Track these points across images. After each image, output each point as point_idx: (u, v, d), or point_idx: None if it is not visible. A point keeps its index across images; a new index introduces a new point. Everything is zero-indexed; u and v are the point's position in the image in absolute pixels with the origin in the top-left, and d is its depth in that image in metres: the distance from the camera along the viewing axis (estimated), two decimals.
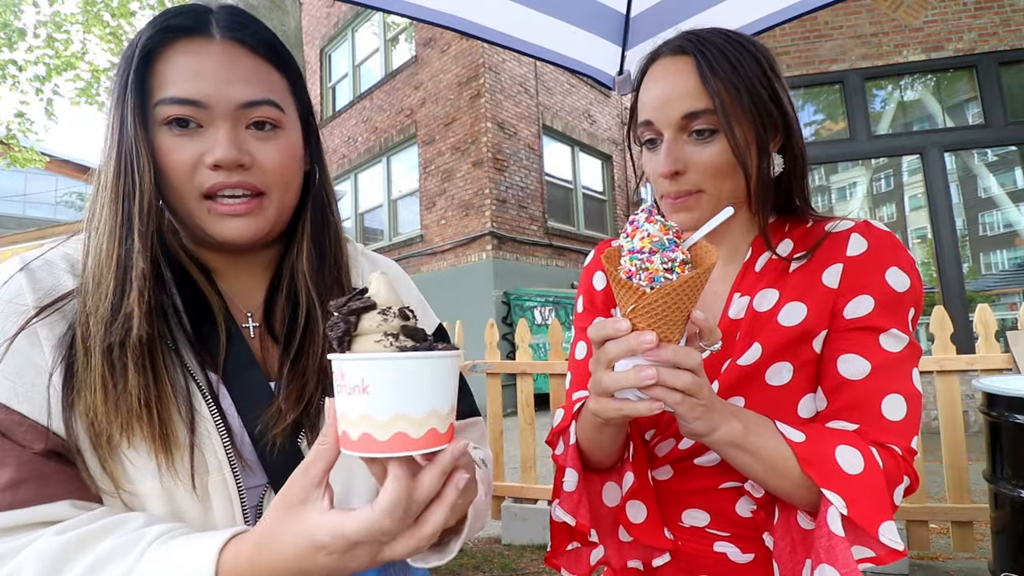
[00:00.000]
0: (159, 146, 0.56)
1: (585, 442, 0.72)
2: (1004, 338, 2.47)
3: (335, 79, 11.00)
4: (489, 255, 7.72)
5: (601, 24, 1.71)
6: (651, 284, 0.53)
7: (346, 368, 0.41)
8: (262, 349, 0.66)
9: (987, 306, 2.39)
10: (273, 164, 0.60)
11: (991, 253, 5.36)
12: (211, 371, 0.59)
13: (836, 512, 0.56)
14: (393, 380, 0.40)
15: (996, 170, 5.28)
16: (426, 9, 1.49)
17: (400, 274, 0.84)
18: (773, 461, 0.60)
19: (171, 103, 0.56)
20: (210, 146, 0.57)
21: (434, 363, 0.42)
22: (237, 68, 0.58)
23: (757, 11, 1.55)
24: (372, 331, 0.42)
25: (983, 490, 1.99)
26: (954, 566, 2.32)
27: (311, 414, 0.62)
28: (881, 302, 0.64)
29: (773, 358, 0.67)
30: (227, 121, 0.57)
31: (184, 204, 0.58)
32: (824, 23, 5.36)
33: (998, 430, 1.85)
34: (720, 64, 0.66)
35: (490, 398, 3.00)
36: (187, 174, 0.57)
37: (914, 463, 0.63)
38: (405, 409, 0.40)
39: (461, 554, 2.70)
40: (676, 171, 0.68)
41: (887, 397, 0.63)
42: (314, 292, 0.66)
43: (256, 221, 0.60)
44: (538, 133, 8.80)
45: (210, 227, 0.59)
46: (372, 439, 0.40)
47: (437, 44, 8.56)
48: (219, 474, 0.56)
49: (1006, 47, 5.02)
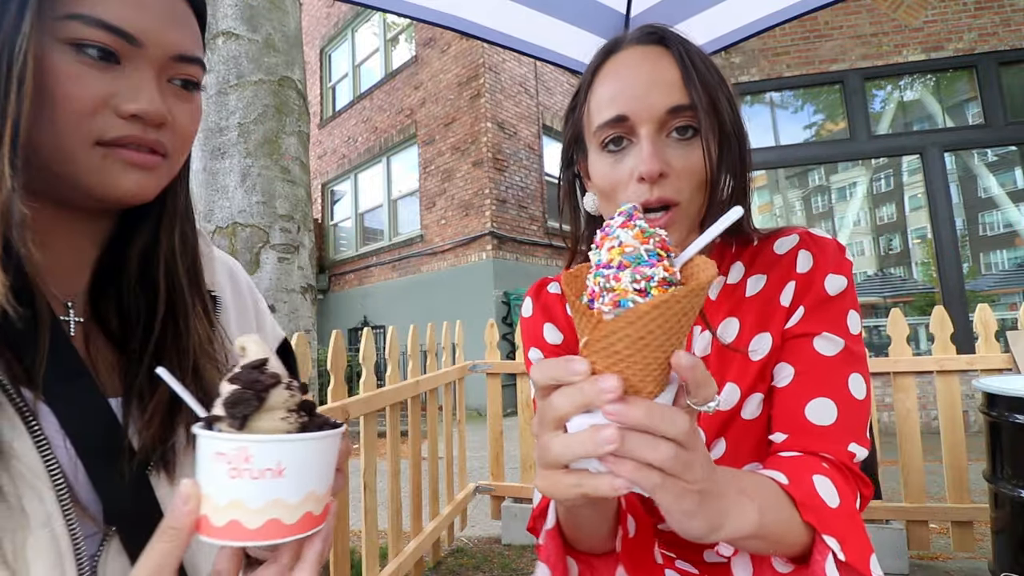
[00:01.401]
0: (52, 69, 0.43)
1: (567, 527, 0.59)
2: (1004, 338, 2.47)
3: (335, 79, 11.00)
4: (489, 255, 7.73)
5: (601, 24, 1.71)
6: (614, 310, 0.37)
7: (256, 450, 0.36)
8: (89, 351, 0.51)
9: (987, 306, 2.39)
10: (186, 127, 0.52)
11: (991, 253, 5.36)
12: (24, 386, 0.42)
13: (832, 559, 0.49)
14: (306, 461, 0.38)
15: (996, 170, 5.29)
16: (426, 9, 1.50)
17: (251, 283, 0.72)
18: (785, 529, 0.49)
19: (96, 25, 0.43)
20: (127, 90, 0.46)
21: (336, 439, 0.40)
22: (176, 9, 0.49)
23: (757, 11, 1.55)
24: (278, 407, 0.38)
25: (983, 490, 1.99)
26: (954, 566, 2.32)
27: (166, 439, 0.49)
28: (812, 306, 0.62)
29: (749, 392, 0.63)
30: (154, 68, 0.47)
31: (65, 145, 0.45)
32: (824, 23, 5.36)
33: (998, 430, 1.85)
34: (696, 61, 0.61)
35: (490, 398, 3.00)
36: (86, 112, 0.44)
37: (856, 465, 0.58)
38: (314, 487, 0.38)
39: (461, 554, 2.70)
40: (662, 172, 0.59)
41: (812, 402, 0.58)
42: (185, 284, 0.55)
43: (154, 180, 0.49)
44: (538, 133, 8.81)
45: (102, 176, 0.46)
46: (242, 527, 0.36)
47: (437, 44, 8.56)
48: (45, 530, 0.40)
49: (1006, 47, 5.02)
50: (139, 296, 0.53)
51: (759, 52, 5.43)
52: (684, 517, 0.40)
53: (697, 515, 0.39)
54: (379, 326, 8.94)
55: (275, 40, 2.15)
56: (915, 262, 5.58)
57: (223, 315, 0.61)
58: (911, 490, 2.35)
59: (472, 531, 3.02)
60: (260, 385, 0.37)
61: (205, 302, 0.57)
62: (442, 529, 2.58)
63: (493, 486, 2.92)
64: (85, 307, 0.52)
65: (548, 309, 0.78)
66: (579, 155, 0.71)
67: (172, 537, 0.36)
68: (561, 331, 0.76)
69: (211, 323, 0.56)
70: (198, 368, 0.52)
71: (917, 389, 2.44)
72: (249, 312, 0.67)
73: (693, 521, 0.40)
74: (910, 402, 2.40)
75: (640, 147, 0.60)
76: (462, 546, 2.82)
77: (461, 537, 2.92)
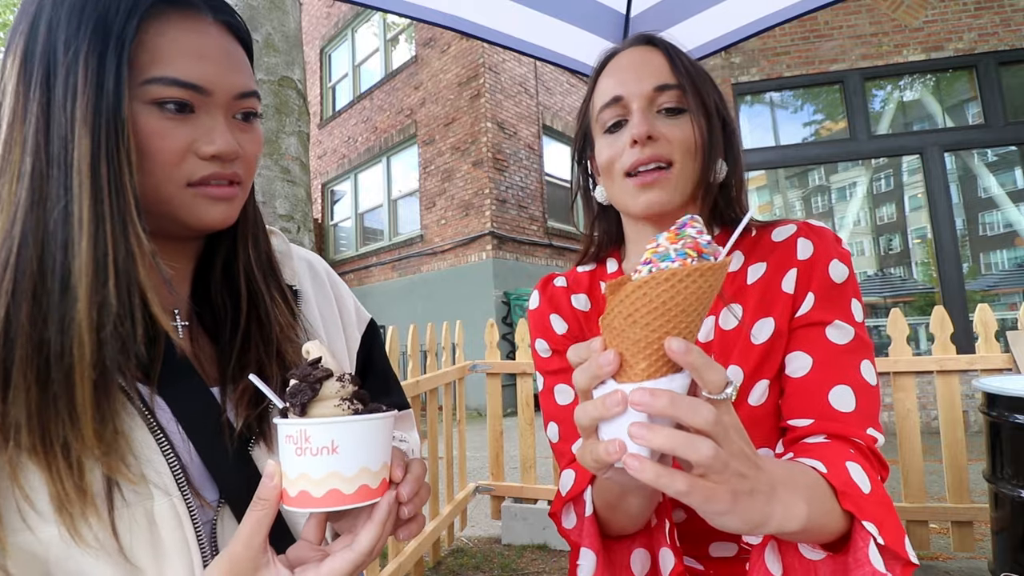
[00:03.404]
0: (142, 128, 0.50)
1: (605, 510, 0.61)
2: (1004, 338, 2.48)
3: (335, 79, 11.00)
4: (489, 255, 7.72)
5: (601, 24, 1.71)
6: None
7: (313, 432, 0.45)
8: (194, 350, 0.60)
9: (987, 306, 2.39)
10: (253, 155, 0.59)
11: (991, 253, 5.36)
12: (141, 383, 0.51)
13: (874, 545, 0.48)
14: (357, 440, 0.46)
15: (996, 170, 5.28)
16: (426, 9, 1.50)
17: (330, 271, 0.80)
18: (828, 519, 0.48)
19: (172, 84, 0.50)
20: (204, 134, 0.53)
21: (383, 423, 0.48)
22: (232, 54, 0.55)
23: (757, 11, 1.55)
24: (331, 396, 0.47)
25: (983, 490, 1.99)
26: (954, 566, 2.32)
27: (261, 417, 0.57)
28: (821, 295, 0.64)
29: (753, 378, 0.65)
30: (222, 110, 0.54)
31: (161, 192, 0.52)
32: (824, 23, 5.36)
33: (998, 430, 1.85)
34: (684, 60, 0.72)
35: (490, 398, 3.00)
36: (175, 162, 0.52)
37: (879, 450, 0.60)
38: (367, 463, 0.47)
39: (461, 554, 2.70)
40: (650, 135, 0.67)
41: (833, 389, 0.61)
42: (262, 283, 0.62)
43: (235, 207, 0.58)
44: (538, 133, 8.80)
45: (194, 212, 0.54)
46: (309, 496, 0.45)
47: (437, 44, 8.56)
48: (166, 499, 0.49)
49: (1006, 47, 5.02)
50: (225, 299, 0.61)
51: (759, 52, 5.43)
52: (719, 515, 0.40)
53: (730, 514, 0.39)
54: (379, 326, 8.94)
55: (275, 40, 2.15)
56: (915, 262, 5.57)
57: (305, 305, 0.69)
58: (911, 490, 2.35)
59: (472, 531, 3.02)
60: (313, 378, 0.46)
61: (286, 296, 0.65)
62: (442, 529, 2.58)
63: (493, 486, 2.92)
64: (188, 312, 0.61)
65: (554, 301, 0.82)
66: (588, 150, 0.80)
67: (263, 507, 0.45)
68: (566, 321, 0.80)
69: (293, 314, 0.64)
70: (282, 354, 0.60)
71: (917, 389, 2.44)
72: (330, 299, 0.75)
73: (726, 519, 0.40)
74: (910, 402, 2.40)
75: (632, 119, 0.69)
76: (462, 546, 2.82)
77: (461, 537, 2.92)
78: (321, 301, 0.73)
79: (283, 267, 0.69)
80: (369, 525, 0.47)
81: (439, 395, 2.77)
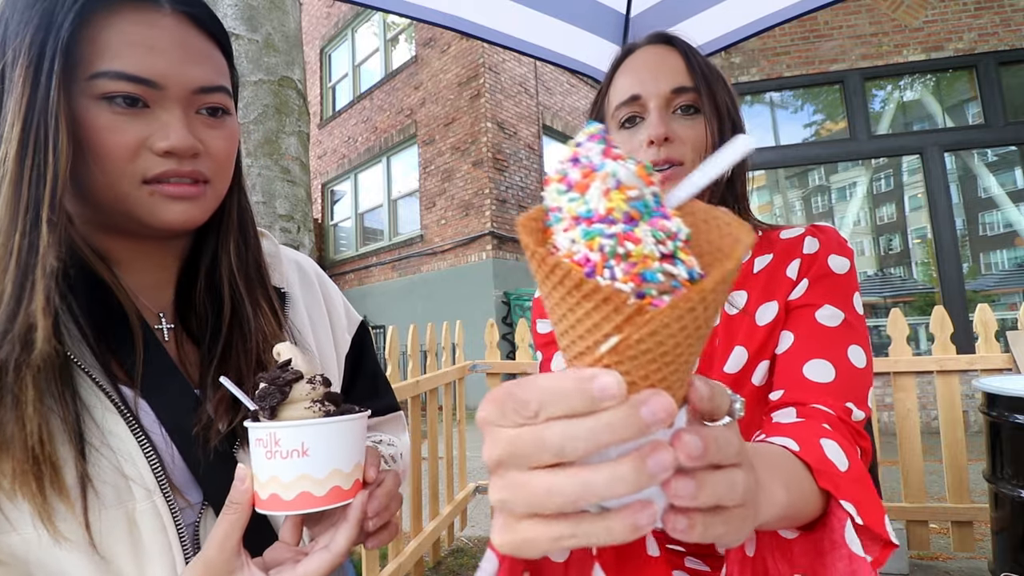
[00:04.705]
0: (91, 123, 0.49)
1: None
2: (1004, 338, 2.48)
3: (335, 79, 11.00)
4: (489, 255, 7.72)
5: (601, 24, 1.71)
6: (640, 290, 0.24)
7: (282, 435, 0.45)
8: (179, 353, 0.59)
9: (987, 306, 2.38)
10: (221, 152, 0.57)
11: (991, 253, 5.36)
12: (124, 386, 0.51)
13: (850, 525, 0.45)
14: (327, 442, 0.46)
15: (996, 170, 5.28)
16: (426, 9, 1.50)
17: (320, 272, 0.79)
18: (806, 500, 0.45)
19: (118, 78, 0.49)
20: (158, 129, 0.51)
21: (354, 424, 0.48)
22: (190, 46, 0.53)
23: (757, 11, 1.55)
24: (302, 399, 0.47)
25: (983, 490, 1.99)
26: (954, 566, 2.32)
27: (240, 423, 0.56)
28: (815, 280, 0.67)
29: (757, 358, 0.67)
30: (179, 105, 0.52)
31: (115, 189, 0.51)
32: (824, 23, 5.35)
33: (998, 430, 1.85)
34: (700, 61, 0.74)
35: None
36: (128, 157, 0.50)
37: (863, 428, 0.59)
38: (338, 465, 0.47)
39: (461, 554, 2.70)
40: (667, 136, 0.69)
41: (810, 362, 0.61)
42: (242, 286, 0.61)
43: (199, 207, 0.55)
44: (538, 133, 8.80)
45: (151, 211, 0.52)
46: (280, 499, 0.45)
47: (437, 44, 8.56)
48: (148, 502, 0.49)
49: (1006, 47, 5.02)
50: (207, 303, 0.61)
51: (759, 52, 5.43)
52: (717, 540, 0.29)
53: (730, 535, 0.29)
54: (379, 326, 8.94)
55: (275, 40, 2.15)
56: (915, 262, 5.57)
57: (292, 308, 0.68)
58: (911, 490, 2.35)
59: (472, 531, 3.02)
60: (282, 380, 0.46)
61: (272, 301, 0.64)
62: (442, 529, 2.58)
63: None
64: (173, 315, 0.61)
65: None
66: None
67: (235, 511, 0.45)
68: None
69: (279, 321, 0.63)
70: (262, 362, 0.59)
71: (917, 389, 2.44)
72: (319, 301, 0.74)
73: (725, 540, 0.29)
74: (910, 402, 2.40)
75: (650, 119, 0.71)
76: (462, 546, 2.82)
77: (461, 537, 2.92)
78: (310, 304, 0.73)
79: (272, 270, 0.68)
80: (345, 526, 0.47)
81: (439, 395, 2.77)
